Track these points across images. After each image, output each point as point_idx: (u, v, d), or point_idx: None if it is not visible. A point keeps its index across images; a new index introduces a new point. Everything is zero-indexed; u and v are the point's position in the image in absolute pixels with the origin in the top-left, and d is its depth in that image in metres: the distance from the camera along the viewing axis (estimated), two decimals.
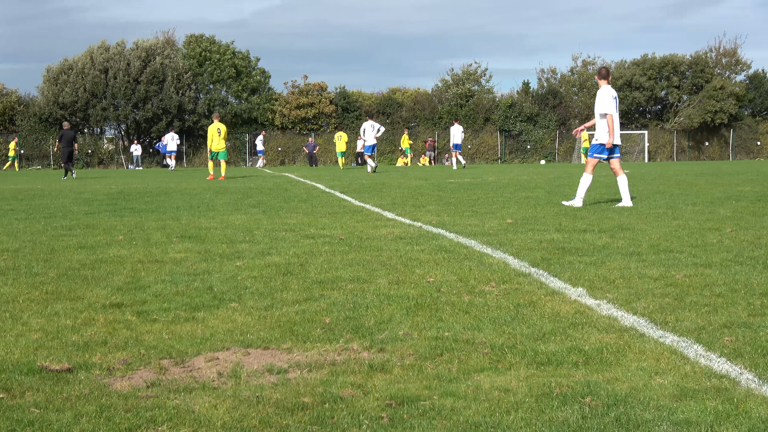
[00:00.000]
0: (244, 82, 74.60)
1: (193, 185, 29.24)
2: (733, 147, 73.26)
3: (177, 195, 22.77)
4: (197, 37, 76.88)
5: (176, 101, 70.92)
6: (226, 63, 74.37)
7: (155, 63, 71.83)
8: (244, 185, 28.58)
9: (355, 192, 22.94)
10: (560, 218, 14.25)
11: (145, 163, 70.29)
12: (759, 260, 9.32)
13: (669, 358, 5.54)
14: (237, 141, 73.59)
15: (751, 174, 31.13)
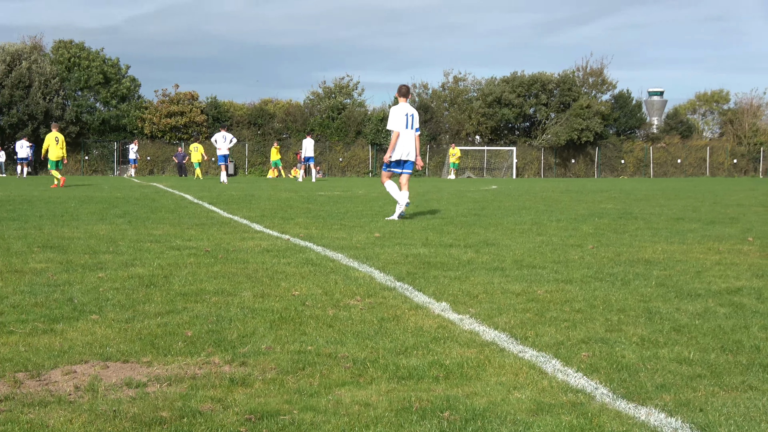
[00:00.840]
0: (113, 89, 73.43)
1: (59, 194, 28.62)
2: (598, 165, 74.94)
3: (40, 203, 22.25)
4: (66, 42, 75.43)
5: (43, 107, 69.39)
6: (94, 70, 73.08)
7: (21, 68, 70.18)
8: (110, 195, 28.10)
9: (224, 203, 22.77)
10: (427, 233, 14.37)
11: (9, 171, 68.54)
12: (618, 277, 9.55)
13: (528, 373, 5.63)
14: (105, 149, 72.35)
15: (615, 192, 31.90)
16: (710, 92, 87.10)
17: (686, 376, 5.58)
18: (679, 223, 16.48)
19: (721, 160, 75.87)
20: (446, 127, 75.42)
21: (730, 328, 6.95)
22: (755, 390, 5.28)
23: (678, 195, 29.08)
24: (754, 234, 14.25)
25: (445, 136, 74.85)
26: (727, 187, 37.82)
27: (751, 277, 9.63)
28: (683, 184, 43.93)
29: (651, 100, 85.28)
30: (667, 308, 7.77)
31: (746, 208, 21.58)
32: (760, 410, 4.89)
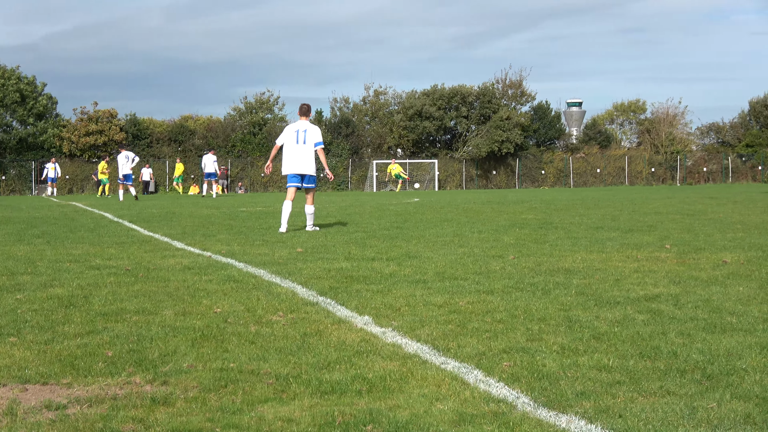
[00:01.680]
0: (29, 107, 72.36)
1: None
2: (519, 176, 75.61)
3: None
4: None
5: None
6: (10, 88, 71.96)
7: None
8: (29, 215, 27.68)
9: (145, 221, 22.55)
10: (350, 246, 14.39)
11: None
12: (538, 286, 9.64)
13: (450, 384, 5.66)
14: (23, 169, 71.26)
15: (535, 202, 32.20)
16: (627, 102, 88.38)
17: (606, 382, 5.65)
18: (598, 232, 16.69)
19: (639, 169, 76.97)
20: (368, 140, 75.56)
21: (648, 334, 7.06)
22: (673, 395, 5.37)
23: (597, 204, 29.44)
24: (672, 241, 14.48)
25: (367, 149, 74.97)
26: (645, 196, 38.38)
27: (668, 283, 9.79)
28: (603, 194, 44.50)
29: (570, 111, 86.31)
30: (586, 316, 7.87)
31: (664, 215, 21.92)
32: (678, 415, 4.97)
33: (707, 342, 6.75)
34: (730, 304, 8.43)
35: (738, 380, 5.67)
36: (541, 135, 77.92)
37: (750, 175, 75.78)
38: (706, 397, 5.32)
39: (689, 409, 5.06)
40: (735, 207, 25.68)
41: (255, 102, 75.59)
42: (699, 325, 7.42)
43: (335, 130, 73.93)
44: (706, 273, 10.59)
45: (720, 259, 11.85)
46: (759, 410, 5.04)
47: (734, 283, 9.75)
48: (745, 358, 6.23)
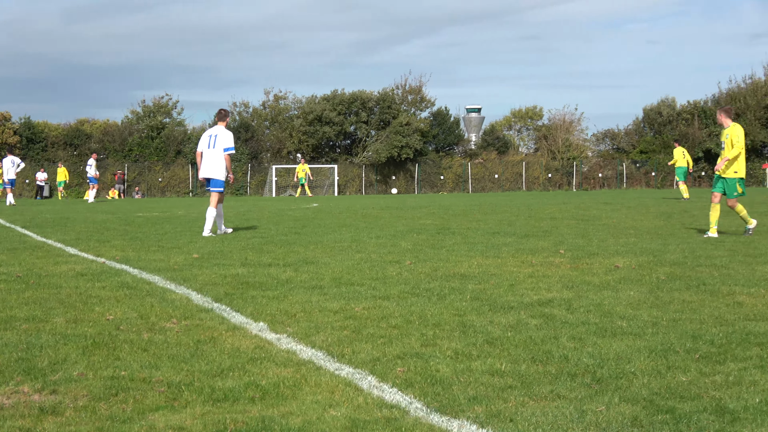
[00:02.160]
0: None
1: None
2: (418, 181, 75.97)
3: None
4: None
5: None
6: None
7: None
8: None
9: (38, 227, 22.11)
10: (246, 252, 14.30)
11: None
12: (434, 292, 9.70)
13: (344, 390, 5.66)
14: None
15: (434, 207, 32.38)
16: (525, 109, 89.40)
17: (498, 387, 5.71)
18: (494, 237, 16.85)
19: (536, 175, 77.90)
20: (267, 145, 75.18)
21: (541, 339, 7.15)
22: (563, 399, 5.44)
23: (495, 210, 29.71)
24: (566, 246, 14.69)
25: (266, 154, 74.59)
26: (541, 201, 38.87)
27: (561, 288, 9.93)
28: (500, 199, 44.95)
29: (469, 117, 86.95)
30: (480, 321, 7.94)
31: (559, 221, 22.22)
32: (567, 418, 5.04)
33: (598, 346, 6.86)
34: (620, 308, 8.58)
35: (627, 383, 5.77)
36: (440, 140, 78.37)
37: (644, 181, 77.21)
38: (596, 400, 5.40)
39: (579, 413, 5.14)
40: (628, 212, 26.15)
41: (153, 106, 74.66)
42: (590, 329, 7.54)
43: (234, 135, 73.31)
44: (599, 278, 10.76)
45: (612, 264, 12.05)
46: (646, 413, 5.14)
47: (625, 287, 9.93)
48: (634, 361, 6.34)
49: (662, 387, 5.68)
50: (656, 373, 6.03)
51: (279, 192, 70.67)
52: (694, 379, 5.87)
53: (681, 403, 5.34)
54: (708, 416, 5.07)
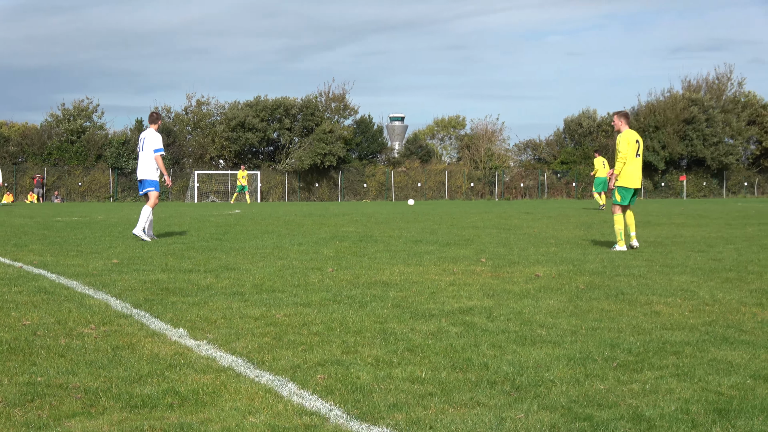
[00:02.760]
0: None
1: None
2: (341, 188, 75.98)
3: None
4: None
5: None
6: None
7: None
8: None
9: None
10: (167, 258, 14.17)
11: None
12: (355, 299, 9.69)
13: (263, 397, 5.63)
14: None
15: (357, 215, 32.40)
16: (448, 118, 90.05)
17: (418, 394, 5.72)
18: (417, 245, 16.90)
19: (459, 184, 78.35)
20: (189, 151, 74.64)
21: (461, 346, 7.18)
22: (483, 406, 5.47)
23: (417, 218, 29.82)
24: (487, 255, 14.79)
25: (189, 159, 74.06)
26: (464, 210, 39.10)
27: (482, 296, 9.98)
28: (423, 207, 45.13)
29: (392, 125, 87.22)
30: (401, 329, 7.95)
31: (481, 229, 22.36)
32: (486, 425, 5.07)
33: (517, 354, 6.91)
34: (540, 316, 8.65)
35: (545, 391, 5.82)
36: (363, 148, 78.49)
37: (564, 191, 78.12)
38: (515, 407, 5.44)
39: (498, 420, 5.17)
40: (549, 222, 26.42)
41: (73, 109, 73.68)
42: (510, 337, 7.59)
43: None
44: (519, 286, 10.84)
45: (533, 273, 12.16)
46: (564, 420, 5.19)
47: (545, 296, 10.02)
48: (552, 369, 6.40)
49: (580, 395, 5.73)
50: (574, 381, 6.09)
51: (201, 198, 70.18)
52: (612, 387, 5.94)
53: (598, 410, 5.39)
54: (625, 424, 5.13)
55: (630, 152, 16.37)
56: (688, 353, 6.96)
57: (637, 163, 16.54)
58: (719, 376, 6.22)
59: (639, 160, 16.60)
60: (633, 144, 16.49)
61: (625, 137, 16.42)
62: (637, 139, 16.70)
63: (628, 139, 16.42)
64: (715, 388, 5.91)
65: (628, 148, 16.33)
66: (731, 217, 28.93)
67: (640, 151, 16.63)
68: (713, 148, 76.08)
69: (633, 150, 16.45)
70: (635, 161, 16.48)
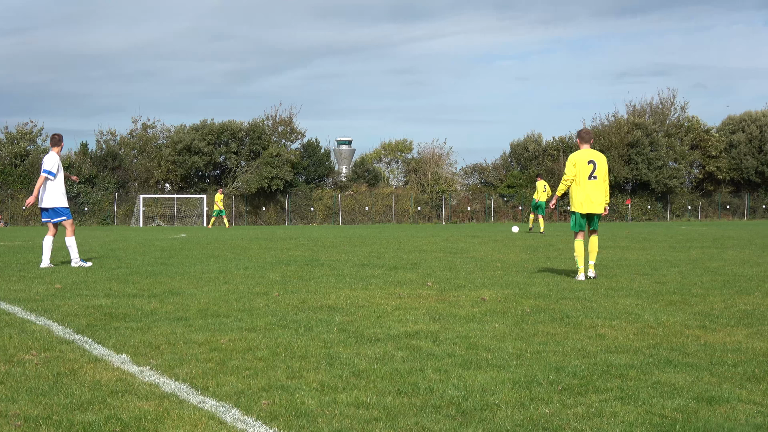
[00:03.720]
0: None
1: None
2: (288, 212, 75.82)
3: None
4: None
5: None
6: None
7: None
8: None
9: None
10: (111, 283, 14.03)
11: None
12: (301, 323, 9.64)
13: (207, 424, 5.58)
14: None
15: (303, 239, 32.33)
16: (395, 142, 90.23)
17: (363, 419, 5.69)
18: (363, 269, 16.88)
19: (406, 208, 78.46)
20: (135, 174, 74.14)
21: (407, 371, 7.16)
22: (428, 431, 5.46)
23: (364, 242, 29.81)
24: (434, 279, 14.80)
25: (134, 183, 73.55)
26: (411, 234, 39.14)
27: (428, 320, 9.98)
28: (370, 231, 45.12)
29: (339, 149, 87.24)
30: (347, 353, 7.92)
31: (427, 253, 22.39)
32: None
33: (463, 378, 6.90)
34: (486, 340, 8.65)
35: (491, 415, 5.81)
36: (310, 172, 78.42)
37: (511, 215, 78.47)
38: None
39: None
40: (496, 245, 26.52)
41: (17, 132, 72.95)
42: (456, 361, 7.58)
43: (101, 164, 72.22)
44: (465, 310, 10.85)
45: (479, 297, 12.18)
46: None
47: (491, 319, 10.03)
48: (498, 393, 6.39)
49: (525, 418, 5.73)
50: (520, 404, 6.09)
51: (146, 222, 69.67)
52: (557, 410, 5.95)
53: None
54: None
55: (580, 174, 15.25)
56: (632, 376, 6.99)
57: (591, 186, 15.27)
58: (663, 398, 6.26)
59: (595, 183, 15.28)
60: (583, 165, 15.27)
61: (574, 158, 15.36)
62: (592, 159, 15.35)
63: (576, 160, 15.33)
64: (659, 411, 5.94)
65: (574, 169, 15.27)
66: (675, 241, 29.21)
67: (597, 172, 15.29)
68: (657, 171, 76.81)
69: (584, 171, 15.25)
70: (588, 184, 15.26)
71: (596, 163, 15.35)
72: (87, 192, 70.24)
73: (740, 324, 9.70)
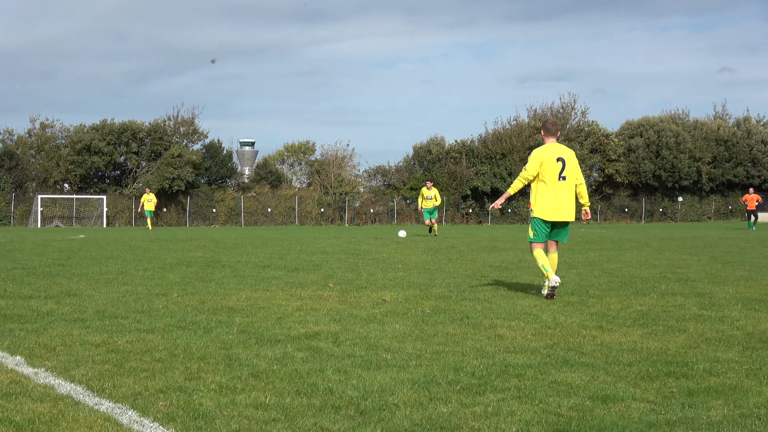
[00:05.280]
0: None
1: None
2: (190, 213, 75.14)
3: None
4: None
5: None
6: None
7: None
8: None
9: None
10: (6, 284, 13.76)
11: None
12: (200, 325, 9.57)
13: (102, 425, 5.50)
14: None
15: (205, 240, 32.07)
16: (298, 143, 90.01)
17: (261, 420, 5.67)
18: (265, 271, 16.80)
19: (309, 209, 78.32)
20: (33, 174, 72.78)
21: (307, 371, 7.15)
22: (326, 431, 5.45)
23: (267, 243, 29.68)
24: (335, 280, 14.80)
25: (32, 183, 72.22)
26: (314, 235, 39.09)
27: (329, 321, 9.97)
28: (273, 233, 44.95)
29: (242, 150, 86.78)
30: (247, 354, 7.88)
31: (330, 255, 22.37)
32: None
33: (362, 378, 6.91)
34: (386, 341, 8.68)
35: (389, 415, 5.83)
36: (212, 173, 77.82)
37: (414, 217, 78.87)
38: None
39: None
40: (398, 247, 26.61)
41: None
42: (356, 361, 7.59)
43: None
44: (366, 311, 10.87)
45: (380, 298, 12.21)
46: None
47: (392, 320, 10.07)
48: (397, 393, 6.42)
49: (423, 418, 5.76)
50: (418, 404, 6.12)
51: (45, 222, 68.44)
52: (455, 410, 5.99)
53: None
54: None
55: (547, 174, 12.64)
56: (529, 376, 7.08)
57: (561, 188, 12.69)
58: (559, 397, 6.34)
59: (564, 185, 12.71)
60: (550, 162, 12.65)
61: (538, 153, 12.74)
62: (561, 156, 12.70)
63: (541, 155, 12.68)
64: (555, 409, 6.02)
65: (538, 168, 12.68)
66: (574, 243, 29.64)
67: (566, 171, 12.70)
68: None
69: (551, 171, 12.62)
70: (557, 186, 12.67)
71: (565, 160, 12.72)
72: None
73: (636, 324, 9.89)
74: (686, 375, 7.15)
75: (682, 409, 6.06)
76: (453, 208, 78.12)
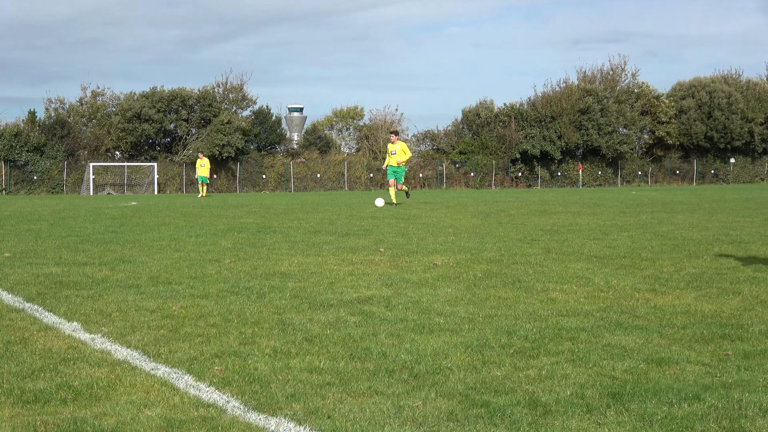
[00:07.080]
0: None
1: None
2: (240, 180, 75.49)
3: None
4: None
5: None
6: None
7: None
8: None
9: None
10: (61, 251, 13.92)
11: None
12: (253, 290, 9.63)
13: (159, 390, 5.56)
14: None
15: (255, 206, 32.22)
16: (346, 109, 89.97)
17: (316, 384, 5.70)
18: (316, 236, 16.86)
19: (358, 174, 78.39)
20: (84, 143, 73.36)
21: (360, 336, 7.18)
22: (381, 395, 5.48)
23: (317, 209, 29.77)
24: (386, 245, 14.82)
25: (84, 151, 72.79)
26: (363, 200, 39.12)
27: (381, 286, 10.00)
28: (322, 198, 45.09)
29: (291, 116, 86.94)
30: (300, 319, 7.93)
31: (380, 220, 22.38)
32: (384, 414, 5.07)
33: (415, 342, 6.93)
34: (438, 305, 8.70)
35: (443, 379, 5.85)
36: (262, 139, 78.02)
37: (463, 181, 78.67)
38: (413, 395, 5.46)
39: (396, 408, 5.17)
40: (447, 212, 26.59)
41: None
42: (408, 325, 7.62)
43: (49, 132, 71.37)
44: (417, 275, 10.89)
45: (431, 262, 12.22)
46: (462, 407, 5.22)
47: (443, 284, 10.08)
48: (450, 357, 6.43)
49: (477, 381, 5.77)
50: (472, 368, 6.13)
51: (97, 190, 69.09)
52: (509, 373, 6.00)
53: (495, 397, 5.44)
54: (521, 409, 5.18)
55: None
56: (583, 339, 7.06)
57: None
58: (613, 360, 6.33)
59: None
60: None
61: None
62: None
63: None
64: (610, 372, 6.00)
65: None
66: (626, 206, 29.45)
67: None
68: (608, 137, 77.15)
69: None
70: None
71: None
72: (36, 160, 69.45)
73: (689, 287, 9.82)
74: (741, 337, 7.10)
75: (738, 371, 6.02)
76: (502, 172, 77.79)
